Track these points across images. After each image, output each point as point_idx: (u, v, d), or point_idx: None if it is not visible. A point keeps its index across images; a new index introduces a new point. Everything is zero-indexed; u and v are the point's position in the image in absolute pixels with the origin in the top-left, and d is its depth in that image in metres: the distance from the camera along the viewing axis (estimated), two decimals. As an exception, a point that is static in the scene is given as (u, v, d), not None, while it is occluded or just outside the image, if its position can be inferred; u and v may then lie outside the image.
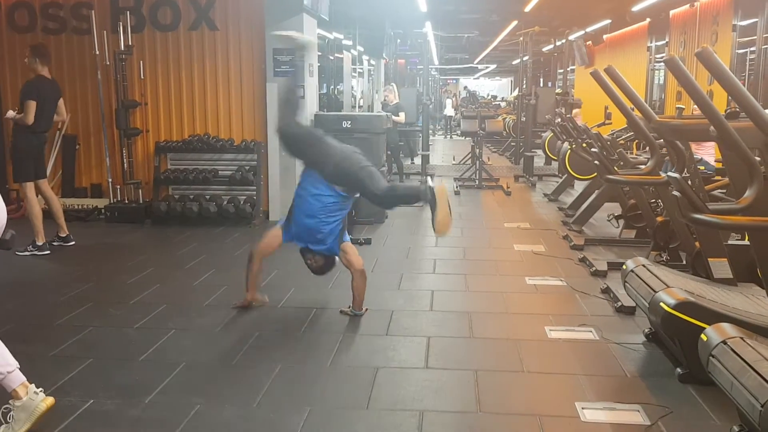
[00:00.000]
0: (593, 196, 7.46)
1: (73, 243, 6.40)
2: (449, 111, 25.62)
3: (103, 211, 7.72)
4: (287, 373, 3.53)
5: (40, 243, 6.04)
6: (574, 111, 12.22)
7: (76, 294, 4.88)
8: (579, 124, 7.85)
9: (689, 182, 2.86)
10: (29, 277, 5.49)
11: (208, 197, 7.53)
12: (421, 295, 4.87)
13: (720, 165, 6.58)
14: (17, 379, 2.83)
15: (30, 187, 6.14)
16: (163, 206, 7.39)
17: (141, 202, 7.75)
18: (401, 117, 10.76)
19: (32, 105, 5.97)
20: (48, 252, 6.07)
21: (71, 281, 5.21)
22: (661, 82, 13.60)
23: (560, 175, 10.37)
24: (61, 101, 6.40)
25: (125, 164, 7.74)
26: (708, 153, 7.32)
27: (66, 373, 3.47)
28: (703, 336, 2.64)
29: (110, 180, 7.80)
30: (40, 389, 2.89)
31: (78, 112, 7.95)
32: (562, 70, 15.80)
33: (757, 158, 2.33)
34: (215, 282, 5.18)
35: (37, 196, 6.19)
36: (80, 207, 7.79)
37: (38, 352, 3.75)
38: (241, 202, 7.45)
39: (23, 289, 5.12)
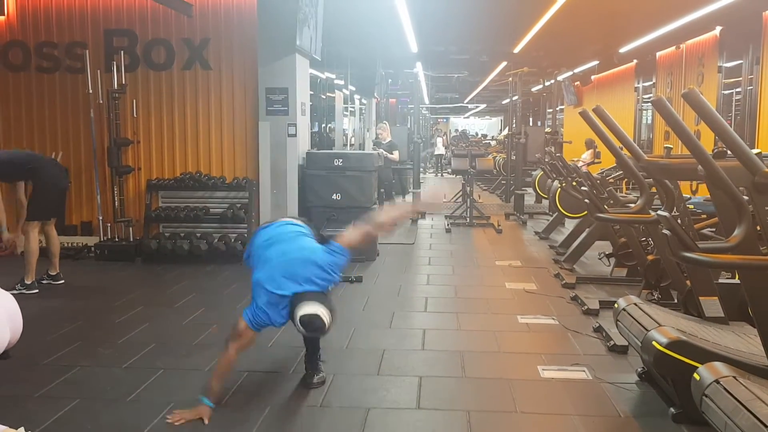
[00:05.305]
0: (584, 234, 7.48)
1: (62, 282, 6.35)
2: (440, 149, 25.78)
3: (93, 248, 7.67)
4: (277, 413, 3.48)
5: (28, 282, 5.97)
6: (588, 152, 12.32)
7: (64, 333, 4.82)
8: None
9: (679, 221, 2.88)
10: (16, 315, 5.41)
11: (198, 235, 7.50)
12: (413, 334, 4.84)
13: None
14: None
15: (37, 225, 6.08)
16: (153, 244, 7.35)
17: (131, 240, 7.71)
18: (396, 155, 10.74)
19: None
20: (36, 291, 6.01)
21: (59, 320, 5.14)
22: (649, 121, 13.79)
23: (551, 213, 10.41)
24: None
25: (116, 202, 7.73)
26: None
27: (52, 413, 3.40)
28: (696, 375, 2.63)
29: (101, 218, 7.77)
30: (29, 432, 2.85)
31: (70, 150, 7.96)
32: (551, 110, 16.03)
33: (745, 197, 2.36)
34: (205, 320, 5.13)
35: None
36: (70, 245, 7.73)
37: (24, 392, 3.69)
38: (232, 240, 7.43)
39: (10, 328, 5.04)
